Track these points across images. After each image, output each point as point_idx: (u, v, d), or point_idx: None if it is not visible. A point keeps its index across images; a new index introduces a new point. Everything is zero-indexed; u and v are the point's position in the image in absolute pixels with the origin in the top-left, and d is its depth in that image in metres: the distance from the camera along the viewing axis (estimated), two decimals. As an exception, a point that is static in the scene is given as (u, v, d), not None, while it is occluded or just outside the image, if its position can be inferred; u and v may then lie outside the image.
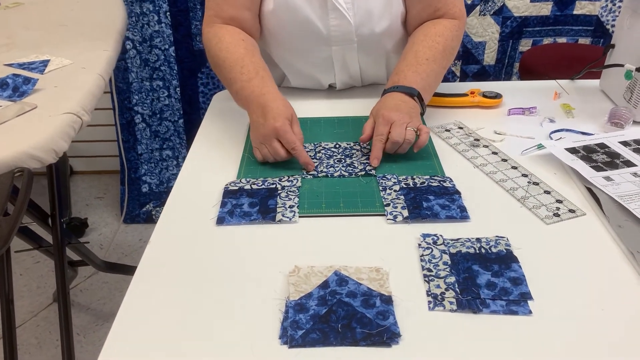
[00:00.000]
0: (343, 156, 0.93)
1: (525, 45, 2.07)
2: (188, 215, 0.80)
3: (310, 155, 0.93)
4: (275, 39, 1.09)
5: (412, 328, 0.60)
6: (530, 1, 1.99)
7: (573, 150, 0.91)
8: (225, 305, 0.64)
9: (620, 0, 1.95)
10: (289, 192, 0.83)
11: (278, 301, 0.64)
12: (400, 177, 0.86)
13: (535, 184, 0.84)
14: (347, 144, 0.97)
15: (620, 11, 1.09)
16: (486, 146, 0.95)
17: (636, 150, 0.91)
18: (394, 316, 0.61)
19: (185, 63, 2.01)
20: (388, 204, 0.80)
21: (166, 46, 1.97)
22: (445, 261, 0.69)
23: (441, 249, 0.71)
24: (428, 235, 0.73)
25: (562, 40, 2.07)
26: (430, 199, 0.80)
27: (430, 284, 0.66)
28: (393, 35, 1.09)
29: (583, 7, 2.00)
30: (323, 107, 1.12)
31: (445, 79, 1.06)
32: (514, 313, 0.62)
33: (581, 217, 0.77)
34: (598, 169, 0.86)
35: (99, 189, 2.44)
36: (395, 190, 0.83)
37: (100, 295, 1.87)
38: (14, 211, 0.88)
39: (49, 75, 1.13)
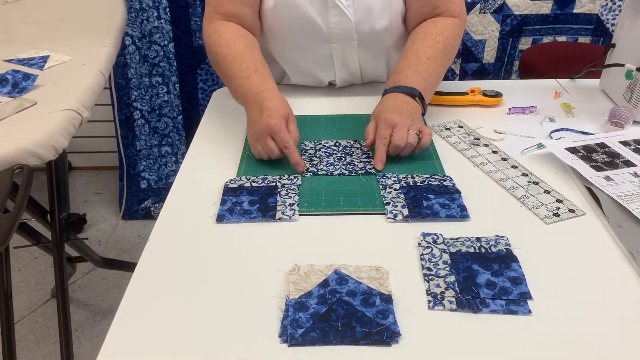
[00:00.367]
0: (343, 154, 0.93)
1: (525, 43, 2.07)
2: (188, 212, 0.80)
3: (310, 153, 0.93)
4: (275, 36, 1.09)
5: (412, 327, 0.60)
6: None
7: (573, 150, 0.91)
8: (225, 303, 0.64)
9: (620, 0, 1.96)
10: (289, 190, 0.83)
11: (278, 299, 0.64)
12: (400, 176, 0.86)
13: (535, 183, 0.84)
14: (347, 142, 0.97)
15: (620, 10, 1.09)
16: (486, 145, 0.95)
17: (636, 150, 0.91)
18: (393, 315, 0.61)
19: (184, 59, 2.01)
20: (388, 203, 0.80)
21: (165, 42, 1.97)
22: (445, 260, 0.69)
23: (441, 248, 0.71)
24: (428, 234, 0.73)
25: (562, 38, 2.07)
26: (430, 197, 0.80)
27: (430, 283, 0.66)
28: (393, 33, 1.08)
29: (583, 6, 1.99)
30: (323, 105, 1.12)
31: (444, 77, 1.06)
32: (514, 313, 0.62)
33: (581, 217, 0.77)
34: (598, 168, 0.86)
35: (97, 184, 2.44)
36: (395, 189, 0.83)
37: (98, 291, 1.87)
38: (13, 208, 0.88)
39: (49, 71, 1.13)
